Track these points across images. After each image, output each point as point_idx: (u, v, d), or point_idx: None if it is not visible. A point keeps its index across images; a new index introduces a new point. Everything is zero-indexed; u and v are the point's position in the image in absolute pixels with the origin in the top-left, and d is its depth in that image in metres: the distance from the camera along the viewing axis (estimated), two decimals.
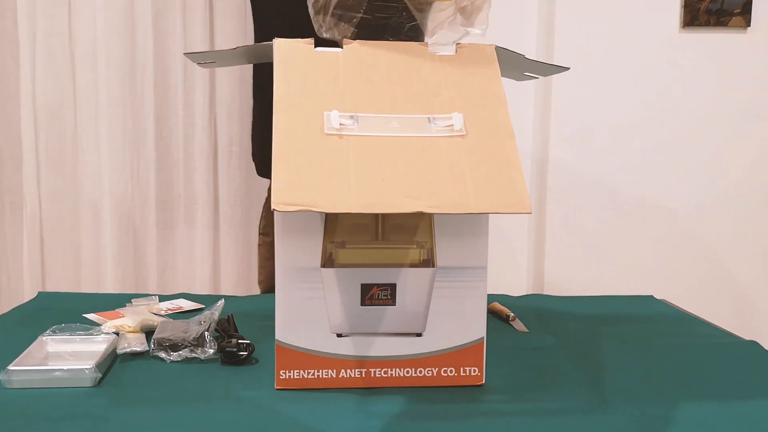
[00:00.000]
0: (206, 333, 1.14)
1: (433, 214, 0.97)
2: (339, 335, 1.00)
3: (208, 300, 1.47)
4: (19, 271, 2.42)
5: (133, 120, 2.34)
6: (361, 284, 1.00)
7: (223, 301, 1.30)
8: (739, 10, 2.36)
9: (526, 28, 2.41)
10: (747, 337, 1.29)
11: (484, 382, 1.04)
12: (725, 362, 1.16)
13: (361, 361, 1.01)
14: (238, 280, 2.45)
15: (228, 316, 1.25)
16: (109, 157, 2.34)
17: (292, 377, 1.00)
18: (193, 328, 1.18)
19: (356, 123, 0.94)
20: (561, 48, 2.35)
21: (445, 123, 0.96)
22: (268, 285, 1.75)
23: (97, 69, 2.31)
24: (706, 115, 2.41)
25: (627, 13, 2.35)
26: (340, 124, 0.93)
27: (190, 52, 1.32)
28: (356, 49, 1.04)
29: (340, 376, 1.01)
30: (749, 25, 2.37)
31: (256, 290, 1.82)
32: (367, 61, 1.03)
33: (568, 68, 1.26)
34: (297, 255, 0.98)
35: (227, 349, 1.11)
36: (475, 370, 1.03)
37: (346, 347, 1.00)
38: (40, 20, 2.28)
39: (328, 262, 0.98)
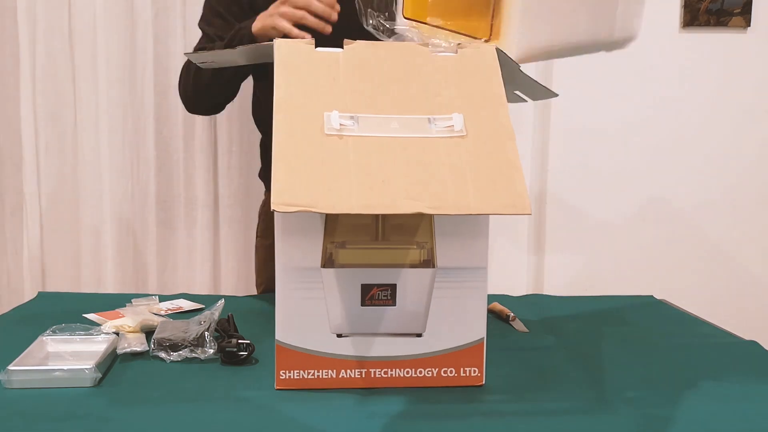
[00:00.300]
0: (206, 333, 1.14)
1: (433, 214, 0.97)
2: (339, 335, 1.00)
3: (208, 300, 1.47)
4: (19, 271, 2.42)
5: (133, 120, 2.34)
6: (362, 284, 1.00)
7: (223, 301, 1.30)
8: (739, 10, 2.36)
9: None
10: (747, 337, 1.29)
11: (484, 382, 1.04)
12: (725, 362, 1.16)
13: (361, 362, 1.01)
14: (238, 280, 2.44)
15: (228, 316, 1.25)
16: (109, 157, 2.34)
17: (292, 377, 1.00)
18: (193, 328, 1.18)
19: (356, 123, 0.94)
20: None
21: (445, 124, 0.96)
22: (266, 288, 1.75)
23: (97, 69, 2.31)
24: (706, 115, 2.41)
25: None
26: (341, 124, 0.93)
27: (190, 52, 1.32)
28: (356, 49, 1.04)
29: (340, 376, 1.01)
30: (749, 25, 2.37)
31: (256, 291, 1.82)
32: (368, 61, 1.03)
33: (557, 95, 1.26)
34: (297, 255, 0.98)
35: (227, 349, 1.11)
36: (475, 371, 1.03)
37: (346, 347, 1.00)
38: (40, 20, 2.28)
39: (328, 262, 0.98)
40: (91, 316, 1.35)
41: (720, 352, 1.21)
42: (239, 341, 1.12)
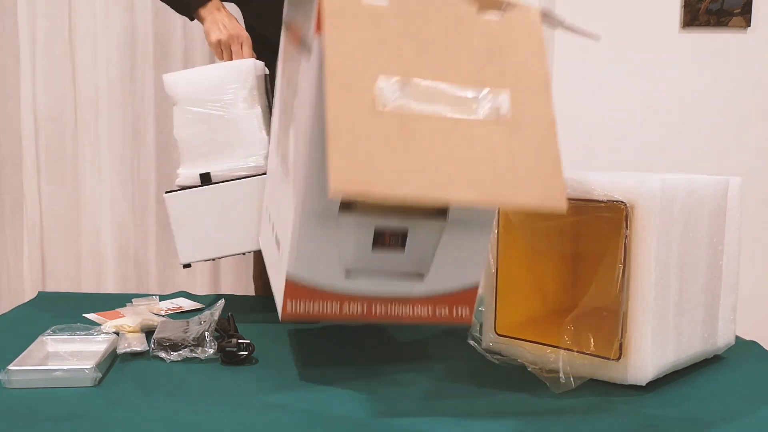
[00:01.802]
0: (206, 333, 1.14)
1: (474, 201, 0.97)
2: (348, 274, 1.02)
3: (208, 300, 1.47)
4: (19, 271, 2.42)
5: (133, 120, 2.34)
6: (375, 230, 1.01)
7: (223, 301, 1.30)
8: (739, 10, 2.36)
9: None
10: (747, 337, 1.29)
11: (473, 321, 1.07)
12: (725, 362, 1.16)
13: (364, 298, 1.03)
14: (238, 280, 2.45)
15: (228, 316, 1.25)
16: (109, 157, 2.34)
17: (297, 310, 1.01)
18: (193, 328, 1.18)
19: (405, 96, 0.91)
20: (561, 48, 2.35)
21: (491, 104, 0.95)
22: (262, 281, 1.74)
23: (97, 69, 2.31)
24: (705, 115, 2.41)
25: (627, 13, 2.35)
26: (390, 99, 0.91)
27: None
28: (403, 5, 0.99)
29: (343, 311, 1.03)
30: (749, 25, 2.37)
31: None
32: (416, 19, 0.98)
33: (599, 37, 1.22)
34: (315, 199, 0.98)
35: (227, 349, 1.11)
36: (465, 310, 1.06)
37: (352, 285, 1.02)
38: (40, 20, 2.28)
39: (345, 207, 0.99)
40: (91, 316, 1.35)
41: (720, 352, 1.21)
42: (239, 341, 1.12)
